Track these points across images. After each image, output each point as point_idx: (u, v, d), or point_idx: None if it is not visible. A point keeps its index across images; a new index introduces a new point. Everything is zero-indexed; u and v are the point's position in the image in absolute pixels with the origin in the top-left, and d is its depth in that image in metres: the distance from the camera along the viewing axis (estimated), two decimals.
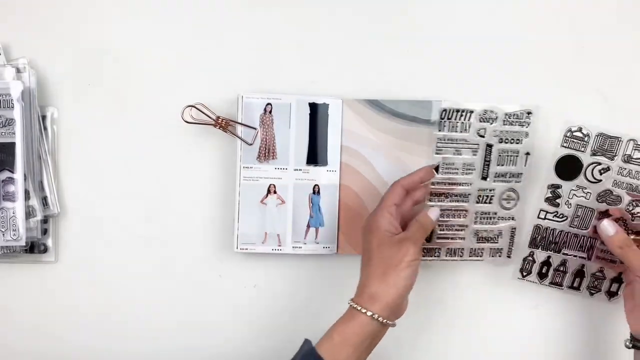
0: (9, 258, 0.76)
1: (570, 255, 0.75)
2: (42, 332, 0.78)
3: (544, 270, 0.76)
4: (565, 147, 0.74)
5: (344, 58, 0.77)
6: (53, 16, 0.77)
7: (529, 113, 0.74)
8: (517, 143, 0.74)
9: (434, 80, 0.77)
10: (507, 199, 0.75)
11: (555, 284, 0.76)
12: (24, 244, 0.73)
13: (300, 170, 0.76)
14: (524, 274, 0.77)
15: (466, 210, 0.75)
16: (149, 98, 0.77)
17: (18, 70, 0.74)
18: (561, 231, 0.75)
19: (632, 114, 0.76)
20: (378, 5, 0.77)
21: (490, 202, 0.75)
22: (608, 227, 0.70)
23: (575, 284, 0.76)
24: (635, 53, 0.77)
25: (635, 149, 0.73)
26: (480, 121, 0.74)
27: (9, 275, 0.78)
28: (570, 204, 0.74)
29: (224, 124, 0.75)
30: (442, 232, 0.75)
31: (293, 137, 0.75)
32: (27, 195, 0.73)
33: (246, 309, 0.78)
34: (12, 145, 0.72)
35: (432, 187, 0.74)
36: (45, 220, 0.76)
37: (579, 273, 0.76)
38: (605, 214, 0.73)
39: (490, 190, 0.75)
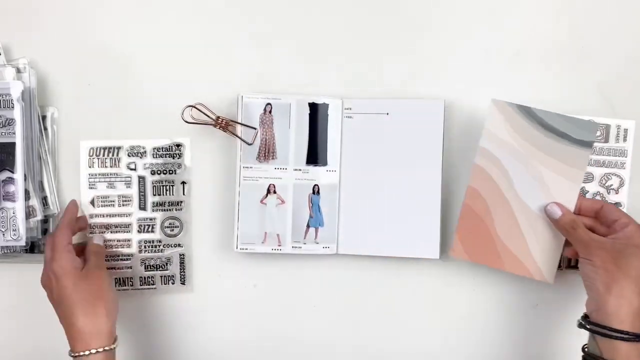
0: (9, 258, 0.76)
1: None
2: (42, 332, 0.78)
3: None
4: None
5: (344, 58, 0.77)
6: (53, 16, 0.77)
7: (178, 145, 0.76)
8: (172, 174, 0.76)
9: (436, 79, 0.77)
10: (170, 227, 0.77)
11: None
12: (24, 244, 0.73)
13: (300, 170, 0.75)
14: None
15: (129, 240, 0.77)
16: (148, 98, 0.77)
17: (18, 70, 0.74)
18: None
19: (632, 112, 0.77)
20: (378, 5, 0.77)
21: (152, 231, 0.77)
22: (555, 209, 0.70)
23: (573, 263, 0.76)
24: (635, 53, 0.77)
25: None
26: (129, 156, 0.76)
27: (9, 275, 0.78)
28: None
29: (224, 124, 0.75)
30: (107, 261, 0.76)
31: (293, 137, 0.75)
32: (27, 195, 0.73)
33: (246, 309, 0.78)
34: (12, 145, 0.73)
35: (92, 220, 0.77)
36: (45, 220, 0.76)
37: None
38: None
39: (151, 220, 0.77)
